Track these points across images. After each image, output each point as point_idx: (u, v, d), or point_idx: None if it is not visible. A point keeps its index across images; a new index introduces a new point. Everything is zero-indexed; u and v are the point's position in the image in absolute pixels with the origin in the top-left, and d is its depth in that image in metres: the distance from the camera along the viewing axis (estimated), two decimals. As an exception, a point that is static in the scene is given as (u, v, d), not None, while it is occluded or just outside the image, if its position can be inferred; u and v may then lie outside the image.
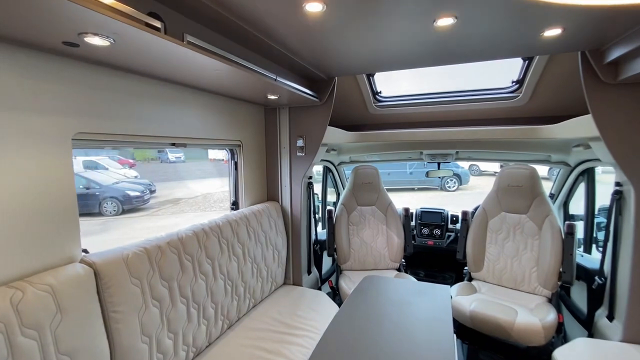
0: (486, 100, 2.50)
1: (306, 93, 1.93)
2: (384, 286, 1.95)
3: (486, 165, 15.31)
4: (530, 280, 2.31)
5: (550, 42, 1.47)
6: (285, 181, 2.41)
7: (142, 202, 9.55)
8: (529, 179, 2.35)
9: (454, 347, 1.34)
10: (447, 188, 11.75)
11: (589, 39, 1.44)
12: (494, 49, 1.57)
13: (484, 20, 1.25)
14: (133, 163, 14.92)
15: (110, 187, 9.18)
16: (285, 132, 2.35)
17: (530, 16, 1.22)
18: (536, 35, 1.40)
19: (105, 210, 8.78)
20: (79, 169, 9.71)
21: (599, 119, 1.62)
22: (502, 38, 1.43)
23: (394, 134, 2.69)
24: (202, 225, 1.70)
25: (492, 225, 2.52)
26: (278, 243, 2.28)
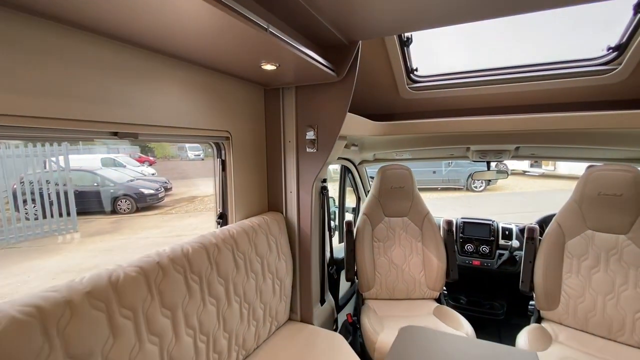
0: (565, 76, 1.82)
1: (318, 62, 1.34)
2: (432, 347, 1.33)
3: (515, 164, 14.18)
4: (634, 329, 1.62)
5: None
6: (291, 186, 1.83)
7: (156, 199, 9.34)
8: (632, 186, 1.67)
9: None
10: (474, 188, 10.89)
11: None
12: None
13: None
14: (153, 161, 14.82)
15: (124, 185, 8.99)
16: (290, 120, 1.77)
17: None
18: None
19: (119, 208, 8.59)
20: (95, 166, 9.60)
21: None
22: None
23: (434, 123, 2.05)
24: (164, 252, 1.15)
25: (573, 249, 1.85)
26: (280, 269, 1.71)
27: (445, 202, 9.75)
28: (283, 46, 1.09)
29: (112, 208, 8.48)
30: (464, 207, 9.18)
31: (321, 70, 1.42)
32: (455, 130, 2.01)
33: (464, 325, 1.82)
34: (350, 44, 1.50)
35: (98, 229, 7.56)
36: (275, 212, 1.85)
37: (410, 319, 2.00)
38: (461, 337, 1.51)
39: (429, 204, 2.32)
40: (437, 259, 2.13)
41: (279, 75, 1.51)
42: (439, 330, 1.58)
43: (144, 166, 12.97)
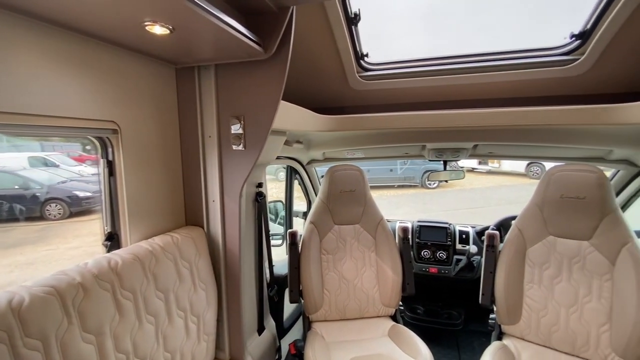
0: (525, 67, 1.64)
1: (233, 28, 0.98)
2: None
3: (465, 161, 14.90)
4: (598, 344, 1.49)
5: None
6: (212, 193, 1.44)
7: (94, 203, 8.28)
8: (596, 187, 1.53)
9: None
10: (428, 185, 11.17)
11: None
12: None
13: None
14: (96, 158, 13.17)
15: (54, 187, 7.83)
16: (210, 109, 1.39)
17: None
18: None
19: (48, 214, 7.45)
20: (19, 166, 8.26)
21: None
22: None
23: (388, 118, 1.79)
24: None
25: (534, 256, 1.69)
26: (198, 302, 1.32)
27: (402, 199, 9.85)
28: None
29: (40, 214, 7.34)
30: (419, 204, 9.34)
31: (242, 42, 1.06)
32: (411, 126, 1.77)
33: (422, 352, 1.58)
34: (281, 11, 1.15)
35: (19, 239, 6.45)
36: (193, 227, 1.45)
37: (362, 344, 1.72)
38: None
39: (387, 202, 2.07)
40: (392, 272, 1.88)
41: (183, 45, 1.12)
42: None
43: (84, 166, 11.55)
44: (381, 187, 10.87)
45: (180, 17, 0.87)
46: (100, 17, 0.90)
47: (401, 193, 10.62)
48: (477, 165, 14.49)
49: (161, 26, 0.92)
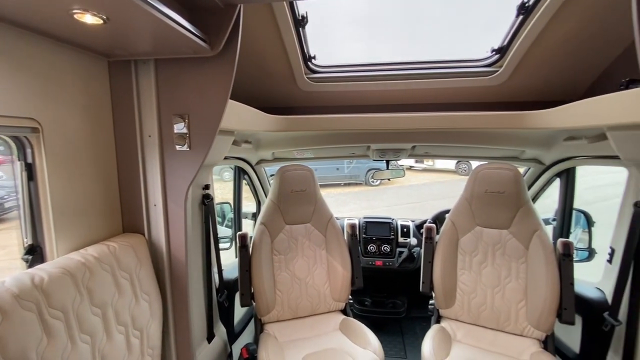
0: (456, 75, 1.83)
1: (175, 22, 0.93)
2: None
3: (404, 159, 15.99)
4: (517, 318, 1.73)
5: None
6: (154, 197, 1.35)
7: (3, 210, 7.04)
8: (512, 183, 1.77)
9: None
10: (372, 183, 11.72)
11: None
12: None
13: None
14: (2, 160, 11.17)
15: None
16: (150, 107, 1.29)
17: None
18: None
19: None
20: None
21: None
22: None
23: (336, 119, 1.85)
24: None
25: (465, 245, 1.89)
26: (140, 315, 1.23)
27: (348, 197, 10.20)
28: None
29: None
30: (364, 201, 9.77)
31: (185, 37, 1.01)
32: (356, 128, 1.85)
33: (371, 341, 1.67)
34: (227, 8, 1.12)
35: None
36: (132, 234, 1.34)
37: (315, 340, 1.76)
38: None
39: (335, 200, 2.14)
40: (342, 267, 1.95)
41: (117, 37, 1.03)
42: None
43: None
44: (328, 185, 11.13)
45: (113, 6, 0.80)
46: (19, 1, 0.78)
47: (347, 191, 10.99)
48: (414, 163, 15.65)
49: (93, 15, 0.83)
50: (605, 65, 1.66)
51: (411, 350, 2.45)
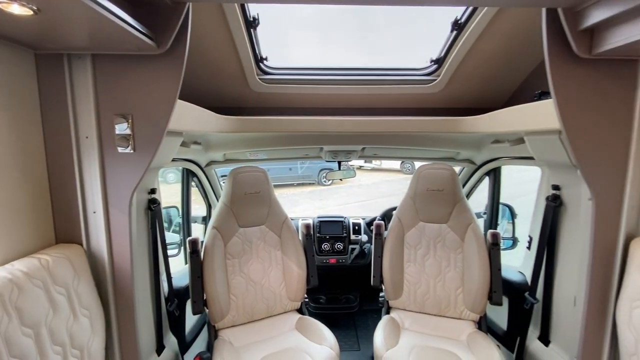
0: (401, 82, 1.97)
1: (128, 23, 0.88)
2: None
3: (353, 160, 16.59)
4: (456, 303, 1.92)
5: None
6: (93, 203, 1.24)
7: None
8: (449, 181, 1.96)
9: None
10: (324, 183, 11.93)
11: None
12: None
13: None
14: None
15: None
16: (86, 105, 1.19)
17: None
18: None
19: None
20: None
21: (563, 103, 1.22)
22: None
23: (288, 121, 1.87)
24: None
25: (410, 240, 2.05)
26: (80, 332, 1.13)
27: (301, 197, 10.25)
28: None
29: None
30: (317, 201, 9.91)
31: (128, 33, 0.95)
32: (309, 130, 1.89)
33: (327, 337, 1.73)
34: (175, 6, 1.09)
35: None
36: (67, 244, 1.22)
37: (272, 341, 1.76)
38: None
39: (288, 201, 2.16)
40: (297, 267, 1.98)
41: (47, 29, 0.94)
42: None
43: None
44: (281, 185, 11.07)
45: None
46: None
47: (300, 191, 11.04)
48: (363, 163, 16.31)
49: (21, 5, 0.75)
50: (524, 77, 1.92)
51: (364, 342, 2.57)
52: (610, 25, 1.07)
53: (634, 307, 1.25)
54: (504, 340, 2.00)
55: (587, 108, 1.24)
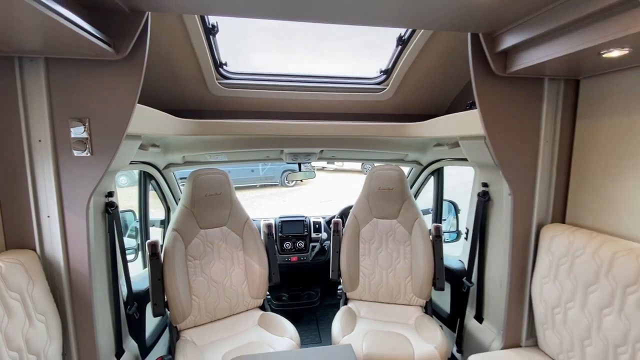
0: (354, 90, 2.13)
1: (83, 29, 0.91)
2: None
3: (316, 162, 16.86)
4: (406, 291, 2.12)
5: (449, 14, 1.12)
6: (47, 208, 1.23)
7: None
8: (398, 181, 2.15)
9: None
10: (287, 184, 11.97)
11: (486, 18, 1.18)
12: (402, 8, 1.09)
13: None
14: None
15: None
16: (40, 110, 1.18)
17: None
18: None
19: None
20: None
21: (485, 114, 1.44)
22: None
23: (248, 125, 1.95)
24: None
25: (365, 235, 2.21)
26: (36, 338, 1.12)
27: (264, 199, 10.20)
28: None
29: None
30: (280, 202, 9.93)
31: (83, 38, 0.97)
32: (268, 133, 1.98)
33: (288, 329, 1.83)
34: (134, 14, 1.13)
35: None
36: (19, 250, 1.20)
37: (234, 338, 1.82)
38: (285, 353, 1.48)
39: (251, 203, 2.22)
40: (259, 266, 2.05)
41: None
42: (262, 353, 1.48)
43: None
44: (244, 187, 10.92)
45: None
46: None
47: (263, 193, 10.97)
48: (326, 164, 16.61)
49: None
50: (461, 87, 2.18)
51: (325, 335, 2.71)
52: (520, 49, 1.30)
53: (543, 283, 1.50)
54: (447, 322, 2.23)
55: (505, 118, 1.47)
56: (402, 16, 1.16)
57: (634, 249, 1.18)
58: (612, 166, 1.37)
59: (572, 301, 1.36)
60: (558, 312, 1.43)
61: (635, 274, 1.14)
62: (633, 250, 1.18)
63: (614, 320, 1.20)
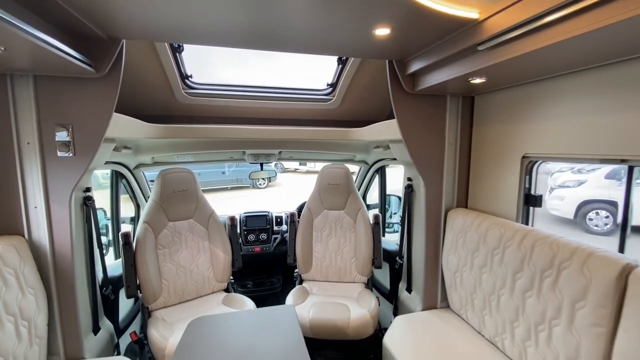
0: (306, 100, 2.48)
1: (69, 54, 1.18)
2: (220, 329, 1.50)
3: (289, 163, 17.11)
4: (351, 270, 2.49)
5: (375, 43, 1.49)
6: (35, 200, 1.46)
7: None
8: (344, 178, 2.52)
9: None
10: (259, 186, 12.14)
11: (403, 46, 1.56)
12: (331, 41, 1.44)
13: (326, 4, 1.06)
14: None
15: None
16: (28, 117, 1.41)
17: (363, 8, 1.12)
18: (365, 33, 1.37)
19: None
20: None
21: (401, 123, 1.84)
22: (338, 29, 1.31)
23: (214, 129, 2.23)
24: None
25: (317, 224, 2.56)
26: (26, 307, 1.35)
27: (236, 200, 10.32)
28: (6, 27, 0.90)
29: None
30: (252, 204, 10.10)
31: (73, 63, 1.24)
32: (230, 137, 2.28)
33: (247, 304, 2.13)
34: (112, 41, 1.40)
35: None
36: (12, 236, 1.42)
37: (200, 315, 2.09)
38: (242, 312, 1.78)
39: (223, 206, 2.49)
40: (223, 253, 2.34)
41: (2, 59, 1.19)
42: (223, 313, 1.78)
43: None
44: (215, 190, 10.96)
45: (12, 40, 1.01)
46: None
47: (234, 195, 11.07)
48: (298, 166, 16.90)
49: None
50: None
51: None
52: (423, 73, 1.70)
53: (449, 254, 1.92)
54: (387, 296, 2.63)
55: (416, 126, 1.87)
56: (332, 47, 1.51)
57: (499, 223, 1.61)
58: (494, 163, 1.81)
59: (465, 266, 1.78)
60: (457, 276, 1.84)
61: (498, 240, 1.56)
62: (498, 224, 1.61)
63: (488, 276, 1.62)
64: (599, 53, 1.14)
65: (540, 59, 1.21)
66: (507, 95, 1.71)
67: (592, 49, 1.09)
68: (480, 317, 1.70)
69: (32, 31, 0.99)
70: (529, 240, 1.41)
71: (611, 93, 1.24)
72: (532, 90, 1.57)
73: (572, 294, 1.20)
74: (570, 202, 5.83)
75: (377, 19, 1.21)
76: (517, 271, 1.44)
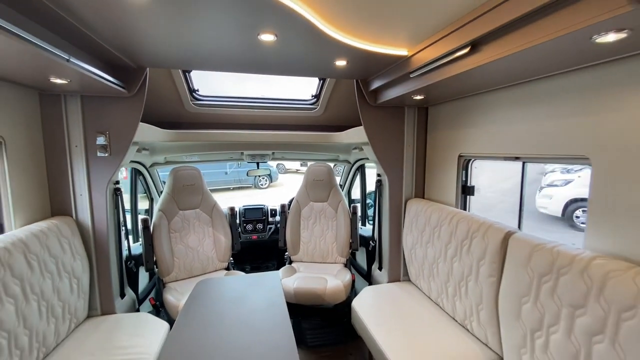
0: (294, 108, 2.93)
1: (109, 81, 1.63)
2: (217, 287, 1.95)
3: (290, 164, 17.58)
4: (332, 253, 2.93)
5: (338, 69, 1.94)
6: (81, 189, 1.92)
7: None
8: (327, 174, 2.97)
9: (290, 326, 1.55)
10: (260, 186, 12.61)
11: (361, 71, 2.00)
12: (304, 68, 1.90)
13: (297, 43, 1.50)
14: None
15: None
16: (77, 126, 1.88)
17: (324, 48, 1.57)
18: (329, 63, 1.82)
19: None
20: None
21: (367, 130, 2.29)
22: (308, 61, 1.76)
23: (216, 134, 2.69)
24: None
25: (304, 214, 3.01)
26: (77, 268, 1.81)
27: (238, 200, 10.79)
28: (79, 69, 1.36)
29: None
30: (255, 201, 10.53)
31: (112, 87, 1.70)
32: (232, 140, 2.73)
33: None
34: (139, 69, 1.86)
35: None
36: (65, 216, 1.88)
37: (206, 286, 2.54)
38: (238, 276, 2.23)
39: (225, 203, 2.95)
40: (224, 237, 2.79)
41: (64, 85, 1.65)
42: (223, 277, 2.22)
43: None
44: (219, 190, 11.45)
45: (77, 76, 1.47)
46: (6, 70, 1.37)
47: (237, 194, 11.55)
48: (300, 167, 17.35)
49: (62, 79, 1.49)
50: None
51: None
52: (381, 90, 2.14)
53: (407, 235, 2.35)
54: (364, 275, 3.07)
55: (380, 132, 2.31)
56: (308, 71, 1.96)
57: (439, 208, 2.05)
58: (441, 161, 2.25)
59: (417, 243, 2.22)
60: (413, 253, 2.28)
61: (437, 221, 2.00)
62: (439, 208, 2.04)
63: (431, 250, 2.06)
64: (498, 78, 1.55)
65: (458, 81, 1.64)
66: (451, 106, 2.15)
67: (493, 74, 1.46)
68: (427, 283, 2.13)
69: (90, 68, 1.46)
70: (455, 219, 1.85)
71: (517, 107, 1.64)
72: (468, 102, 2.00)
73: (478, 255, 1.64)
74: (558, 201, 5.99)
75: (335, 56, 1.66)
76: (447, 243, 1.88)
